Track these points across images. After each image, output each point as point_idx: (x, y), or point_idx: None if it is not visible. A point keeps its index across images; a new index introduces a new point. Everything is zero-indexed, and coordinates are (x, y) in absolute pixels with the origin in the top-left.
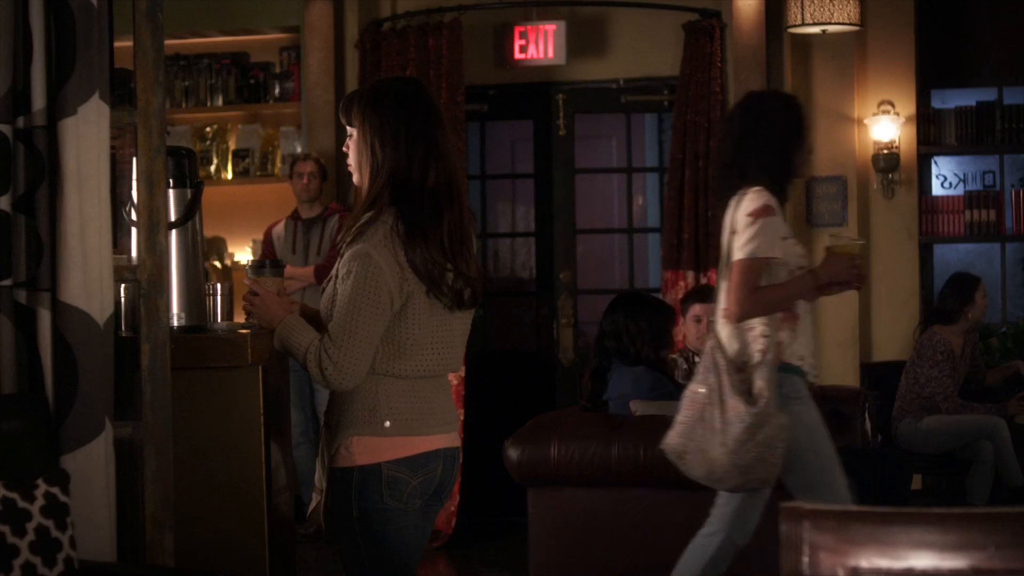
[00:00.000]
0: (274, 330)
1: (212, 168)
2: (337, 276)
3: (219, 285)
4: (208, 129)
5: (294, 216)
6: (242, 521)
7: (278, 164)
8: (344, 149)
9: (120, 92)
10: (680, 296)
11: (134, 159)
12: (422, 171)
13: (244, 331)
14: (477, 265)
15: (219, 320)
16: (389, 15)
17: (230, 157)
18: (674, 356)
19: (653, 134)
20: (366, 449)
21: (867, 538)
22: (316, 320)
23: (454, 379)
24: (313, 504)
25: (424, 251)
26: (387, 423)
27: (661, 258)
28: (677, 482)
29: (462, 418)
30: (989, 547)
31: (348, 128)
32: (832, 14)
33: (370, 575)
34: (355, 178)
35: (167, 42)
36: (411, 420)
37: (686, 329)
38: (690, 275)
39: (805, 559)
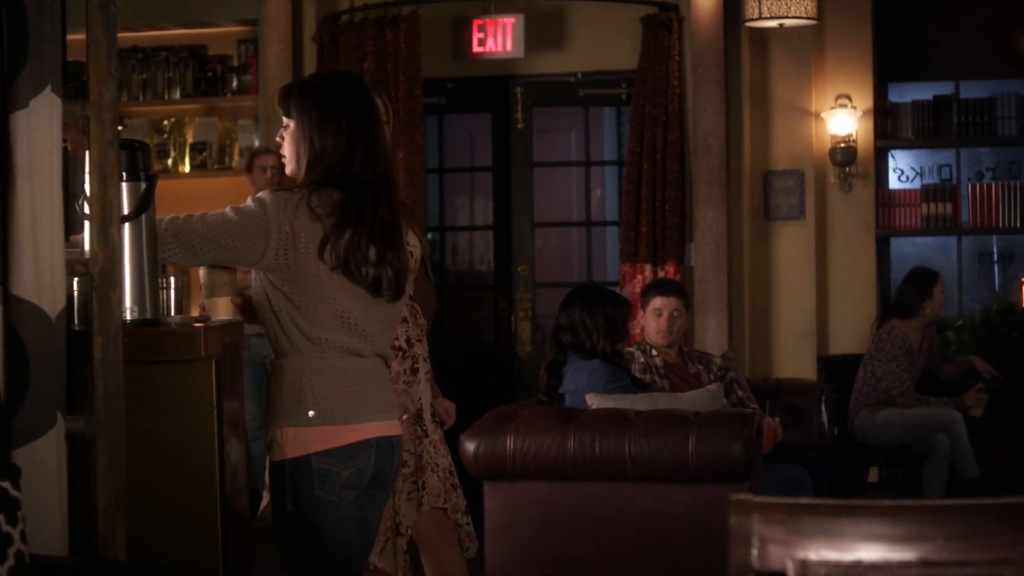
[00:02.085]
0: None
1: (169, 161)
2: None
3: (173, 279)
4: (165, 122)
5: None
6: (196, 515)
7: (235, 157)
8: (278, 139)
9: (73, 85)
10: (638, 289)
11: (87, 152)
12: (362, 164)
13: (198, 324)
14: (406, 259)
15: (173, 313)
16: (347, 8)
17: (188, 150)
18: (631, 349)
19: (612, 127)
20: (294, 441)
21: (816, 530)
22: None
23: None
24: (265, 502)
25: (353, 232)
26: (311, 413)
27: (619, 251)
28: (633, 475)
29: None
30: (938, 539)
31: (284, 119)
32: (789, 8)
33: (310, 569)
34: (289, 168)
35: (124, 34)
36: (336, 409)
37: (646, 322)
38: (647, 268)
39: (754, 551)
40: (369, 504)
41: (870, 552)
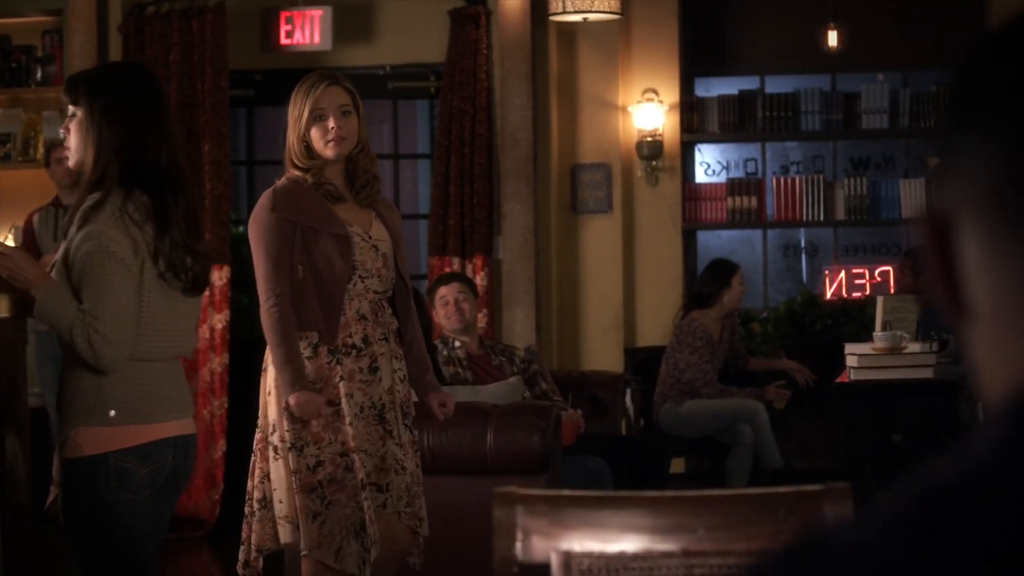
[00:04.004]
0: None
1: None
2: (69, 258)
3: None
4: None
5: (55, 203)
6: None
7: (40, 149)
8: (62, 132)
9: None
10: None
11: None
12: (156, 153)
13: None
14: (210, 246)
15: None
16: None
17: None
18: (435, 342)
19: (425, 120)
20: (93, 439)
21: (579, 522)
22: None
23: (218, 366)
24: (51, 497)
25: (170, 236)
26: (112, 412)
27: (427, 244)
28: (431, 468)
29: (227, 406)
30: (699, 530)
31: (71, 108)
32: (593, 2)
33: (102, 567)
34: (73, 161)
35: None
36: (137, 408)
37: (437, 315)
38: (456, 261)
39: (518, 544)
40: (163, 502)
41: (633, 543)
